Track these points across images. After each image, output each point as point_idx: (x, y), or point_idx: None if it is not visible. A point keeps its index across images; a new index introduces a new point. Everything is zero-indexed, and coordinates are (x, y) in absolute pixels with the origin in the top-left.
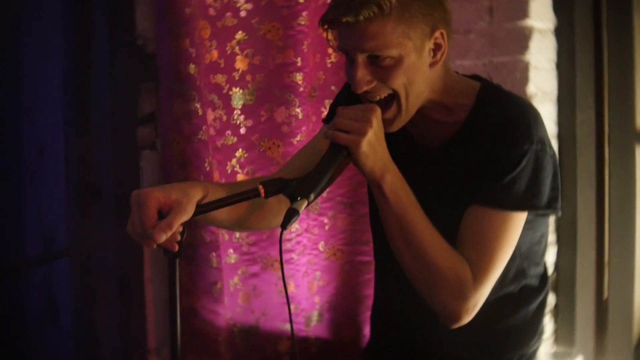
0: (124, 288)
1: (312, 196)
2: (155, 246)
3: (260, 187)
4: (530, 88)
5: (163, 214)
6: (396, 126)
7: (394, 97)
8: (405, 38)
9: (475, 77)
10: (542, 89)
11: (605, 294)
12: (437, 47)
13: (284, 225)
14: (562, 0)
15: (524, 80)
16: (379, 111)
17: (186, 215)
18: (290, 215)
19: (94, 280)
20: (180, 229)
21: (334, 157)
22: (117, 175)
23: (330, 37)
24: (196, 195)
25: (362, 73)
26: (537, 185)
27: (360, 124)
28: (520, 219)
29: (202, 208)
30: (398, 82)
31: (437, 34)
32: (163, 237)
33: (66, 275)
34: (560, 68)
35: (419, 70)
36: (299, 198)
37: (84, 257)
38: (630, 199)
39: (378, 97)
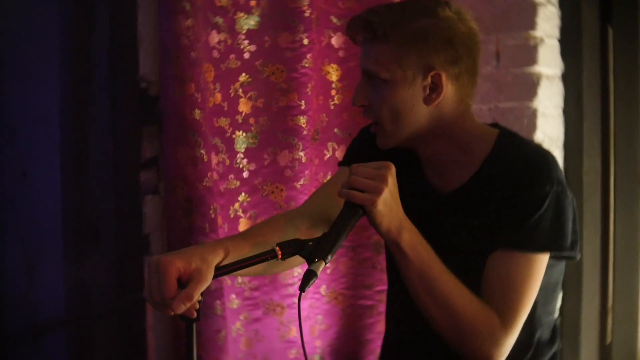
0: (125, 335)
1: (329, 257)
2: (173, 314)
3: (277, 248)
4: (538, 135)
5: (182, 283)
6: (382, 145)
7: (379, 123)
8: (395, 65)
9: (494, 126)
10: (549, 136)
11: (609, 338)
12: (433, 87)
13: (302, 287)
14: (570, 46)
15: (532, 127)
16: (393, 169)
17: (206, 283)
18: (309, 277)
19: (92, 322)
20: (200, 298)
21: (350, 217)
22: (119, 219)
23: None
24: (216, 259)
25: (360, 87)
26: (560, 226)
27: (375, 183)
28: (544, 260)
29: (221, 271)
30: (383, 109)
31: (433, 73)
32: (183, 309)
33: (61, 310)
34: (567, 114)
35: (409, 102)
36: (316, 260)
37: (80, 299)
38: (635, 245)
39: (369, 119)
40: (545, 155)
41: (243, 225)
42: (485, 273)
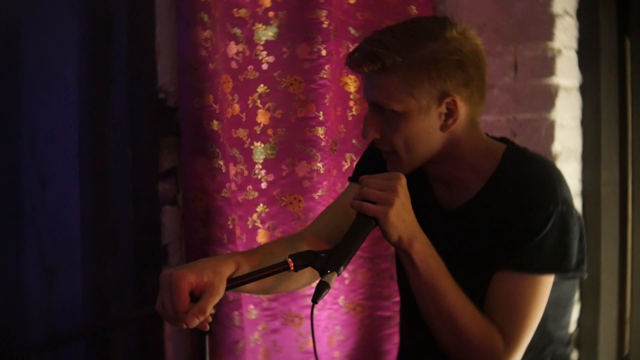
0: (143, 345)
1: (341, 269)
2: (185, 327)
3: (290, 260)
4: (556, 146)
5: (195, 296)
6: (405, 171)
7: (394, 152)
8: (408, 96)
9: (502, 140)
10: (567, 147)
11: (627, 349)
12: (449, 112)
13: (315, 299)
14: (588, 58)
15: (550, 138)
16: (404, 179)
17: (218, 296)
18: (321, 288)
19: (110, 332)
20: (213, 311)
21: (362, 228)
22: (137, 230)
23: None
24: (227, 272)
25: (369, 120)
26: (565, 247)
27: (386, 194)
28: (548, 282)
29: (232, 283)
30: (398, 140)
31: (449, 99)
32: (196, 323)
33: (80, 319)
34: (585, 125)
35: (424, 130)
36: (329, 271)
37: (99, 309)
38: None
39: (382, 149)
40: (550, 173)
41: (261, 236)
42: (489, 292)
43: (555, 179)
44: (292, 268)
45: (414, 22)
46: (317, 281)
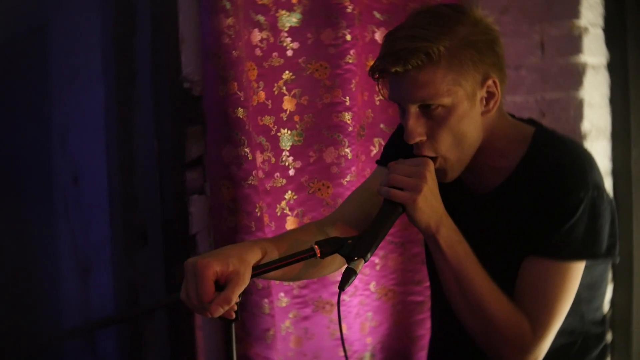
0: (174, 335)
1: (368, 255)
2: (210, 316)
3: (316, 247)
4: (585, 125)
5: (220, 285)
6: (450, 178)
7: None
8: (456, 86)
9: (530, 122)
10: (596, 126)
11: None
12: (489, 96)
13: (342, 286)
14: (615, 35)
15: (579, 117)
16: (432, 165)
17: (244, 285)
18: (348, 275)
19: (141, 323)
20: (238, 299)
21: (389, 214)
22: (166, 220)
23: (381, 87)
24: (253, 259)
25: (414, 124)
26: (595, 233)
27: (415, 181)
28: (579, 268)
29: (258, 270)
30: (447, 138)
31: (490, 82)
32: (221, 312)
33: (113, 309)
34: (614, 103)
35: (472, 119)
36: (355, 258)
37: (131, 299)
38: None
39: (424, 154)
40: (581, 157)
41: (290, 223)
42: (518, 278)
43: (585, 163)
44: (319, 255)
45: (432, 12)
46: (344, 267)
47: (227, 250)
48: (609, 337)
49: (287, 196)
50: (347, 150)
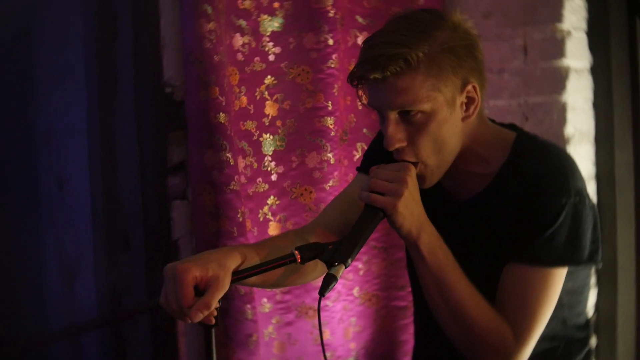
0: (157, 340)
1: (349, 261)
2: (190, 322)
3: (297, 252)
4: (568, 129)
5: (199, 290)
6: (428, 184)
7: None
8: (435, 91)
9: (511, 127)
10: (579, 130)
11: None
12: (469, 101)
13: (322, 292)
14: (598, 39)
15: (562, 121)
16: (413, 170)
17: (224, 290)
18: (329, 281)
19: (125, 329)
20: (218, 305)
21: (370, 220)
22: (148, 226)
23: (360, 93)
24: (233, 264)
25: (393, 130)
26: (577, 239)
27: (395, 186)
28: (560, 274)
29: (238, 276)
30: (427, 143)
31: (469, 87)
32: (200, 317)
33: (93, 315)
34: (598, 107)
35: (452, 125)
36: (336, 263)
37: (114, 303)
38: None
39: (405, 159)
40: (562, 163)
41: (273, 229)
42: (500, 285)
43: (567, 169)
44: (299, 260)
45: (410, 18)
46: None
47: (206, 255)
48: (593, 341)
49: (269, 201)
50: (330, 155)
